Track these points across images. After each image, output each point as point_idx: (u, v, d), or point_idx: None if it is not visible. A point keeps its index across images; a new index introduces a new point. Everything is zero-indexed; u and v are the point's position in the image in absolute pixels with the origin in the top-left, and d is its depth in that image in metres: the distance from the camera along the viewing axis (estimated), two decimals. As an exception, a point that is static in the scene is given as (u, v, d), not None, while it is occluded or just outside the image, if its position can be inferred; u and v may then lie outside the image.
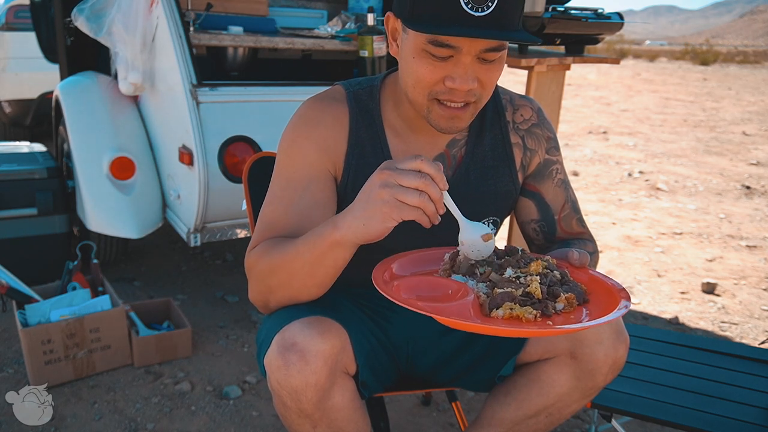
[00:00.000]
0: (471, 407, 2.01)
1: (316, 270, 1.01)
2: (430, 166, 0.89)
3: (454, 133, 1.09)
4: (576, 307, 0.94)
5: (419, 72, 1.01)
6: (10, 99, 4.85)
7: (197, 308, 2.59)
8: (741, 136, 7.79)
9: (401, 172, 0.89)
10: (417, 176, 0.88)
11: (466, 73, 0.99)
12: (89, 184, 2.47)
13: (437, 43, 0.97)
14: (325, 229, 0.97)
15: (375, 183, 0.90)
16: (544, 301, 0.93)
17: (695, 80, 16.24)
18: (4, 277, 2.13)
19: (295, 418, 1.04)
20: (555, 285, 0.96)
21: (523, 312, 0.90)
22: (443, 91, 1.02)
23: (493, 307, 0.91)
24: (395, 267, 1.04)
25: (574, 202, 1.28)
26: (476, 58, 0.99)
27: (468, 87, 1.00)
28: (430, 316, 0.86)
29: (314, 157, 1.13)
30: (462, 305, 0.91)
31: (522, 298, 0.92)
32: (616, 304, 0.92)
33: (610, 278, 1.01)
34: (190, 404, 1.96)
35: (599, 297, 0.97)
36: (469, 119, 1.07)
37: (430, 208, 0.89)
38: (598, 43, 2.60)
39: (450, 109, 1.03)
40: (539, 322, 0.90)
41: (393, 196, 0.88)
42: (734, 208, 4.58)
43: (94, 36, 2.43)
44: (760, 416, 1.36)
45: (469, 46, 0.97)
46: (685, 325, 2.68)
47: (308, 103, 1.18)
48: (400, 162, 0.90)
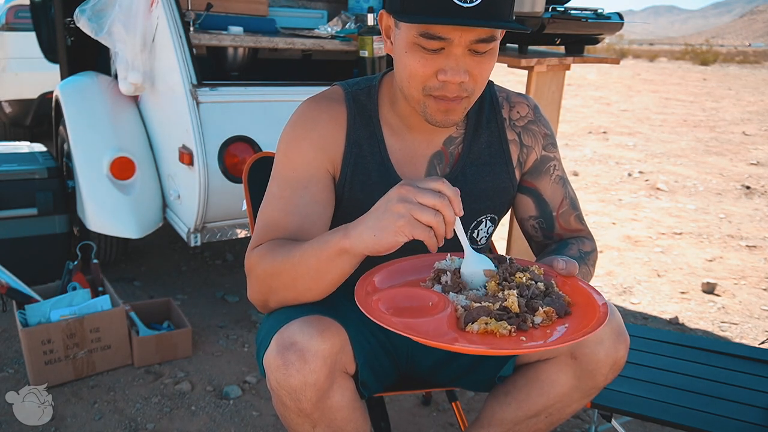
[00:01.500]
0: (471, 407, 2.01)
1: (321, 276, 1.01)
2: (450, 189, 0.90)
3: (449, 126, 1.09)
4: (555, 320, 0.94)
5: (411, 66, 1.02)
6: (10, 99, 4.85)
7: (197, 308, 2.59)
8: (741, 136, 7.79)
9: (421, 190, 0.89)
10: (436, 196, 0.89)
11: (458, 65, 1.00)
12: (89, 184, 2.47)
13: (428, 35, 0.97)
14: (334, 236, 0.97)
15: (393, 196, 0.91)
16: (523, 315, 0.92)
17: (695, 80, 16.24)
18: (4, 277, 2.13)
19: (295, 417, 1.04)
20: (536, 298, 0.95)
21: (498, 327, 0.89)
22: (436, 86, 1.02)
23: (468, 321, 0.91)
24: (378, 278, 1.04)
25: (573, 198, 1.28)
26: (467, 50, 0.99)
27: (460, 79, 1.00)
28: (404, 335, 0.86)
29: (312, 156, 1.14)
30: (438, 320, 0.91)
31: (498, 312, 0.92)
32: (595, 318, 0.91)
33: (595, 290, 0.99)
34: (190, 404, 1.96)
35: (582, 309, 0.96)
36: (462, 112, 1.08)
37: (441, 230, 0.89)
38: (598, 43, 2.60)
39: (444, 102, 1.04)
40: (513, 337, 0.89)
41: (409, 212, 0.88)
42: (734, 208, 4.58)
43: (95, 36, 2.43)
44: (760, 416, 1.36)
45: (459, 38, 0.97)
46: (685, 325, 2.68)
47: (306, 104, 1.18)
48: (422, 181, 0.91)
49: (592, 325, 0.89)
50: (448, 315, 0.92)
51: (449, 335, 0.89)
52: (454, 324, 0.92)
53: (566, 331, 0.91)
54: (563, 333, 0.91)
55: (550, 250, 1.24)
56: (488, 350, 0.88)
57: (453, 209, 0.90)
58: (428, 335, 0.87)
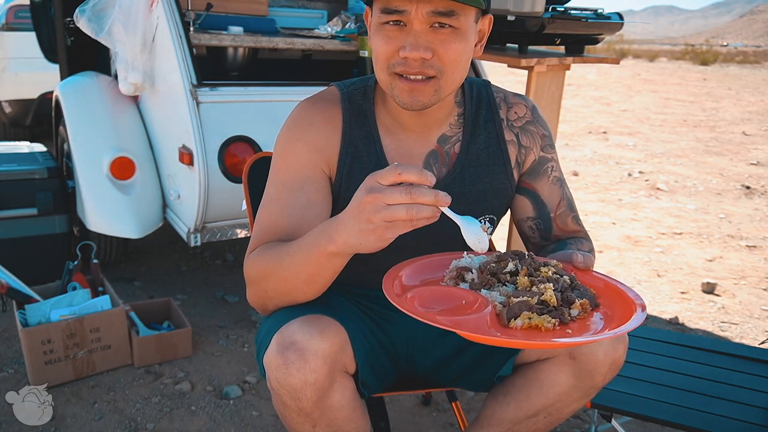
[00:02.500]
0: (471, 407, 2.01)
1: (313, 278, 1.01)
2: (410, 172, 0.85)
3: (418, 109, 1.08)
4: (589, 312, 0.94)
5: (377, 47, 1.05)
6: (10, 99, 4.85)
7: (197, 308, 2.59)
8: (741, 136, 7.79)
9: (385, 191, 0.85)
10: (401, 192, 0.84)
11: (417, 41, 1.01)
12: (89, 184, 2.47)
13: (387, 10, 1.00)
14: (319, 239, 0.96)
15: (364, 208, 0.87)
16: (560, 308, 0.92)
17: (695, 80, 16.24)
18: (4, 277, 2.13)
19: (295, 417, 1.04)
20: (567, 291, 0.96)
21: (542, 321, 0.89)
22: (399, 62, 1.04)
23: (510, 317, 0.91)
24: (404, 277, 1.03)
25: (570, 200, 1.28)
26: (428, 26, 1.01)
27: (420, 55, 1.01)
28: (453, 331, 0.86)
29: (308, 157, 1.14)
30: (480, 318, 0.90)
31: (538, 306, 0.92)
32: (628, 307, 0.92)
33: (617, 280, 1.01)
34: (190, 404, 1.96)
35: (609, 300, 0.97)
36: (432, 95, 1.06)
37: (423, 214, 0.85)
38: (598, 43, 2.60)
39: (410, 81, 1.05)
40: (558, 330, 0.90)
41: (382, 220, 0.85)
42: (734, 208, 4.58)
43: (95, 36, 2.43)
44: (760, 416, 1.36)
45: (416, 10, 0.99)
46: (685, 325, 2.68)
47: (301, 105, 1.19)
48: (380, 176, 0.87)
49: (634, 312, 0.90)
50: (490, 312, 0.92)
51: (495, 334, 0.88)
52: (495, 321, 0.91)
53: (606, 321, 0.92)
54: (604, 323, 0.92)
55: (548, 250, 1.24)
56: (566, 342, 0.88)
57: (425, 186, 0.85)
58: (477, 331, 0.87)
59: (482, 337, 0.86)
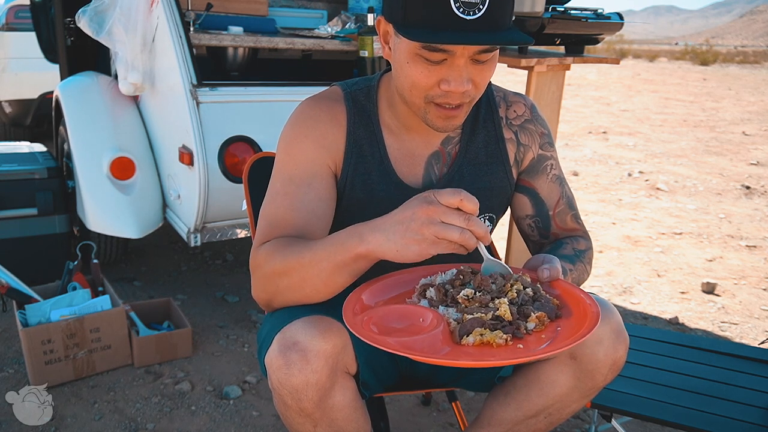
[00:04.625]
0: (471, 407, 2.01)
1: (334, 278, 1.01)
2: (471, 201, 0.90)
3: (450, 131, 1.10)
4: (548, 324, 0.94)
5: (414, 76, 1.02)
6: (10, 99, 4.85)
7: (197, 308, 2.60)
8: (741, 136, 7.79)
9: (446, 210, 0.90)
10: (460, 216, 0.89)
11: (461, 75, 1.00)
12: (89, 184, 2.47)
13: (431, 48, 0.98)
14: (349, 240, 0.97)
15: (419, 216, 0.90)
16: (516, 323, 0.92)
17: (695, 80, 16.25)
18: (4, 277, 2.13)
19: (296, 417, 1.04)
20: (526, 304, 0.95)
21: (494, 337, 0.89)
22: (439, 94, 1.03)
23: (463, 334, 0.91)
24: (366, 296, 1.03)
25: (570, 198, 1.29)
26: (470, 59, 1.00)
27: (463, 89, 1.01)
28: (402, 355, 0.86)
29: (315, 154, 1.14)
30: (433, 337, 0.90)
31: (492, 322, 0.92)
32: (587, 318, 0.91)
33: (581, 290, 1.00)
34: (190, 404, 1.96)
35: (570, 310, 0.97)
36: (464, 117, 1.09)
37: (471, 244, 0.90)
38: (598, 43, 2.60)
39: (446, 109, 1.05)
40: (510, 346, 0.90)
41: (434, 235, 0.89)
42: (734, 208, 4.58)
43: (95, 36, 2.43)
44: (760, 416, 1.36)
45: (462, 50, 0.98)
46: (685, 325, 2.68)
47: (306, 103, 1.19)
48: (440, 195, 0.91)
49: (587, 326, 0.89)
50: (442, 330, 0.92)
51: (444, 350, 0.89)
52: (448, 338, 0.92)
53: (560, 334, 0.91)
54: (558, 336, 0.91)
55: (545, 249, 1.24)
56: (489, 362, 0.88)
57: (480, 222, 0.90)
58: (424, 352, 0.87)
59: (432, 359, 0.85)
